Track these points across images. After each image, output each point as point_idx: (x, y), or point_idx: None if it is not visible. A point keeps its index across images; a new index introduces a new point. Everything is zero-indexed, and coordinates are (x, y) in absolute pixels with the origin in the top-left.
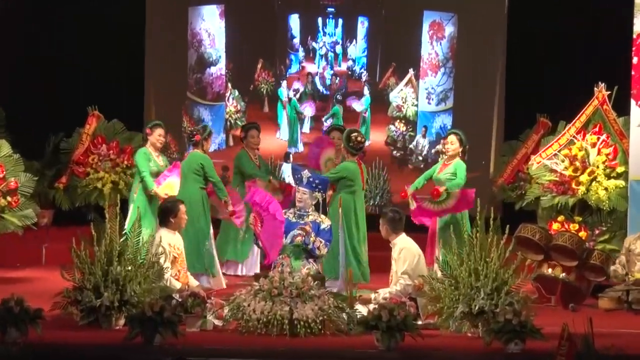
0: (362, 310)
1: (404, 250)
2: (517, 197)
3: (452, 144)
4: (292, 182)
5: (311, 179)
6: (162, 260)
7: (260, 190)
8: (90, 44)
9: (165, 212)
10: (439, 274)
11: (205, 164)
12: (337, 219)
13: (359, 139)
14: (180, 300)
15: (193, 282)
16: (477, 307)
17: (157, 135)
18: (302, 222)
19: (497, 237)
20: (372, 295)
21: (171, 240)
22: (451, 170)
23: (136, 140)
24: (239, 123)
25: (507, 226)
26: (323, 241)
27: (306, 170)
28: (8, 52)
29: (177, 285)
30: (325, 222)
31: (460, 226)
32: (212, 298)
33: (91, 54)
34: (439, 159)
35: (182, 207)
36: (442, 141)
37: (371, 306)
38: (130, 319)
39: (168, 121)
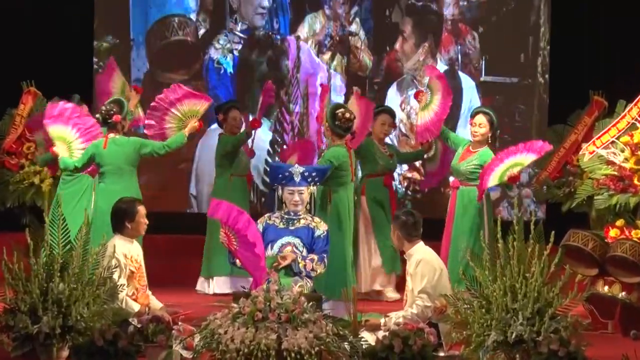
0: (368, 338)
1: (422, 263)
2: (564, 195)
3: (481, 126)
4: (273, 185)
5: (306, 173)
6: (116, 276)
7: (224, 203)
8: (24, 1)
9: (120, 215)
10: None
11: (146, 146)
12: (324, 219)
13: (346, 115)
14: (139, 326)
15: (156, 304)
16: (514, 335)
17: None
18: (292, 228)
19: (539, 247)
20: (382, 320)
21: (127, 250)
22: (476, 161)
23: None
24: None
25: (552, 232)
26: (316, 257)
27: (296, 166)
28: None
29: (135, 307)
30: (321, 227)
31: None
32: (180, 323)
33: (26, 14)
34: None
35: (142, 209)
36: (469, 122)
37: (380, 334)
38: (76, 349)
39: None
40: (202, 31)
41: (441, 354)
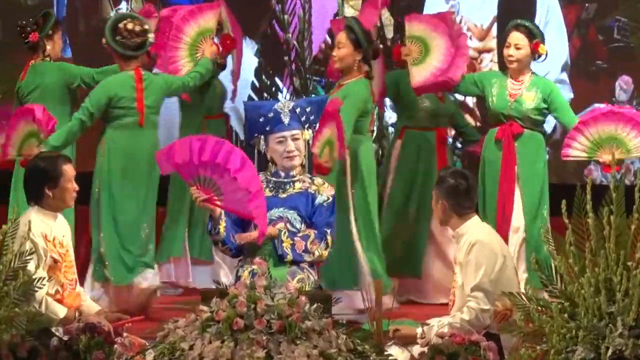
0: (399, 356)
1: (478, 247)
2: None
3: (340, 46)
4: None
5: (298, 109)
6: (32, 267)
7: (178, 142)
8: None
9: (37, 178)
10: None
11: (84, 75)
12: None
13: (129, 26)
14: (65, 338)
15: (90, 306)
16: (610, 351)
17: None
18: (284, 195)
19: None
20: (419, 330)
21: (49, 230)
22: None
23: None
24: None
25: None
26: (313, 234)
27: (282, 100)
28: None
29: (61, 311)
30: (325, 192)
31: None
32: (125, 334)
33: None
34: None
35: (68, 169)
36: None
37: (416, 349)
38: None
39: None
40: None
41: None
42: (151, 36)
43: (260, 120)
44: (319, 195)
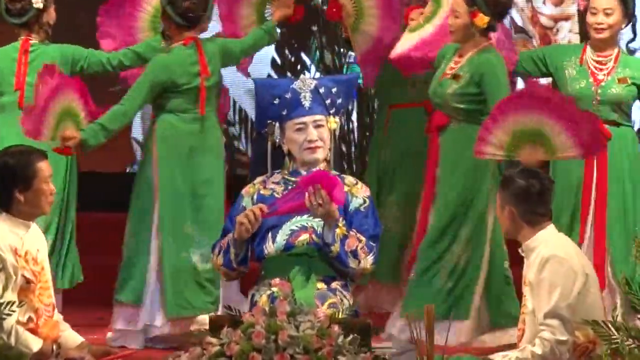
0: None
1: (552, 263)
2: None
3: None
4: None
5: (322, 89)
6: None
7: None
8: None
9: (5, 179)
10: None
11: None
12: None
13: None
14: None
15: (71, 337)
16: None
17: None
18: None
19: None
20: None
21: (19, 242)
22: None
23: None
24: None
25: None
26: (365, 240)
27: (302, 77)
28: None
29: (35, 343)
30: (359, 193)
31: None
32: None
33: None
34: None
35: (44, 167)
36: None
37: None
38: None
39: None
40: None
41: None
42: (35, 1)
43: (275, 102)
44: (354, 199)
